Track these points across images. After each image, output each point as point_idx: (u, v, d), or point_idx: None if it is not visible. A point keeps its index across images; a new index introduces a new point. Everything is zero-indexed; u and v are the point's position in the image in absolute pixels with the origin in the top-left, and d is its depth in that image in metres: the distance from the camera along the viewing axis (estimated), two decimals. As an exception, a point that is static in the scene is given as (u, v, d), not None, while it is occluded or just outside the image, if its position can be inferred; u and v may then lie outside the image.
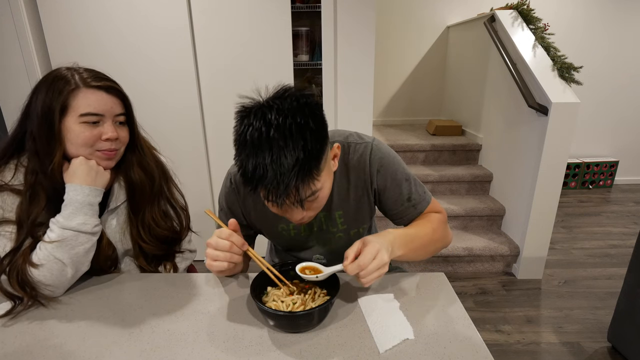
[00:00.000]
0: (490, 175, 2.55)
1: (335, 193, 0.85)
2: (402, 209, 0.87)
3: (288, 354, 0.63)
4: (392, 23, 3.38)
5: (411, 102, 3.63)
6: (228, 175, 0.90)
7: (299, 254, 0.97)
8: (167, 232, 0.95)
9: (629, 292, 1.47)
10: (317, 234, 0.91)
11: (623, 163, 3.51)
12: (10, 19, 1.82)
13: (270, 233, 0.94)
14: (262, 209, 0.87)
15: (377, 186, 0.85)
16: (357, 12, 1.90)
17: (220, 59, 1.94)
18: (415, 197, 0.86)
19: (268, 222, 0.90)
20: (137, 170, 0.90)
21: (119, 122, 0.84)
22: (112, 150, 0.83)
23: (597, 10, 3.25)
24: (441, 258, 2.22)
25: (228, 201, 0.90)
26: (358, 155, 0.83)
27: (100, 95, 0.79)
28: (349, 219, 0.89)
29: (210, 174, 2.16)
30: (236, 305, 0.76)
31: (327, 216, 0.88)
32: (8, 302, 0.76)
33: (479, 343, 0.65)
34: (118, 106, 0.83)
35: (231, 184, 0.89)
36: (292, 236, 0.92)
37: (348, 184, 0.85)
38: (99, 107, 0.79)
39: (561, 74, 1.96)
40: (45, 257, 0.76)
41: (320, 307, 0.65)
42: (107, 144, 0.81)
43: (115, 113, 0.82)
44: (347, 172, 0.84)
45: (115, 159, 0.85)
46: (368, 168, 0.83)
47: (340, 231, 0.90)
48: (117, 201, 0.90)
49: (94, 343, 0.66)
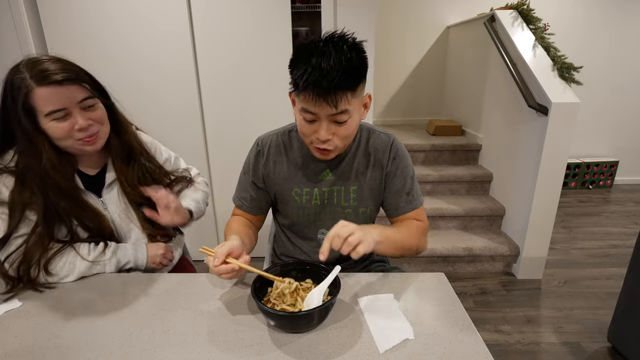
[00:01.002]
0: (490, 175, 2.55)
1: (354, 169, 0.94)
2: (400, 200, 0.96)
3: (288, 354, 0.63)
4: (392, 23, 3.38)
5: (411, 102, 3.63)
6: (256, 140, 0.99)
7: (304, 230, 1.00)
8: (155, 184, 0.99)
9: (629, 292, 1.47)
10: (327, 206, 0.96)
11: (623, 163, 3.51)
12: (10, 19, 1.82)
13: (283, 198, 0.98)
14: (279, 171, 0.96)
15: (389, 170, 0.95)
16: (357, 12, 1.90)
17: (221, 59, 1.94)
18: (413, 194, 0.96)
19: (284, 185, 0.96)
20: (115, 141, 0.93)
21: (87, 106, 0.82)
22: (91, 136, 0.84)
23: (597, 10, 3.24)
24: (441, 258, 2.22)
25: (252, 163, 0.98)
26: (381, 141, 0.95)
27: (55, 90, 0.77)
28: (362, 196, 0.96)
29: (210, 174, 2.16)
30: (236, 305, 0.76)
31: (343, 189, 0.95)
32: (14, 301, 0.76)
33: (479, 343, 0.65)
34: (79, 92, 0.80)
35: (257, 146, 0.97)
36: (302, 204, 0.96)
37: (367, 162, 0.95)
38: (58, 103, 0.77)
39: (561, 74, 1.96)
40: (68, 270, 0.84)
41: (320, 307, 0.65)
42: (82, 133, 0.82)
43: (77, 100, 0.80)
44: (368, 152, 0.94)
45: (98, 141, 0.86)
46: (388, 152, 0.94)
47: (350, 207, 0.96)
48: (110, 177, 0.95)
49: (94, 343, 0.66)
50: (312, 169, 0.94)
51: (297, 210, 0.97)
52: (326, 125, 0.78)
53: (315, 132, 0.80)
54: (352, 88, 0.75)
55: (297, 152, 0.95)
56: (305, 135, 0.83)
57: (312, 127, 0.80)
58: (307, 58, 0.73)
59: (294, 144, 0.96)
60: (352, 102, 0.77)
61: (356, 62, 0.74)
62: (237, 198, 1.03)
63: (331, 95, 0.73)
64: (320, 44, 0.74)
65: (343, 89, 0.73)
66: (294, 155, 0.95)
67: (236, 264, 0.73)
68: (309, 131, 0.81)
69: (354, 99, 0.77)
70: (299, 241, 1.03)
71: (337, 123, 0.78)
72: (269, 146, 0.96)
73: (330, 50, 0.72)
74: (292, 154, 0.95)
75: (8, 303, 0.77)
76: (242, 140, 2.15)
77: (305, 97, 0.75)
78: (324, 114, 0.76)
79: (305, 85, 0.73)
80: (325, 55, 0.72)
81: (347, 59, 0.72)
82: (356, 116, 0.81)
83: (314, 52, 0.73)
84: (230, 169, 2.11)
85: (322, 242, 0.72)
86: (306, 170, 0.94)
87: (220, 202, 2.22)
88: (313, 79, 0.71)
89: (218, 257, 0.73)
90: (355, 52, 0.74)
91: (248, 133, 2.11)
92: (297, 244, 1.03)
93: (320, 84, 0.72)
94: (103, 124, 0.87)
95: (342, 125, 0.79)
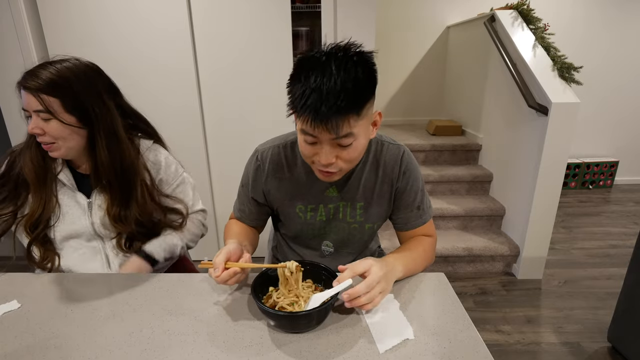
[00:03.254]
0: (490, 175, 2.55)
1: (362, 185, 0.89)
2: (411, 215, 0.92)
3: (288, 354, 0.63)
4: (392, 23, 3.38)
5: (411, 102, 3.63)
6: (255, 152, 0.93)
7: (307, 241, 0.98)
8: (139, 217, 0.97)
9: (629, 292, 1.47)
10: (332, 221, 0.93)
11: (623, 163, 3.51)
12: (10, 19, 1.82)
13: (286, 214, 0.94)
14: (282, 188, 0.91)
15: (399, 186, 0.90)
16: (357, 12, 1.90)
17: (221, 59, 1.94)
18: (423, 207, 0.93)
19: (287, 202, 0.92)
20: (103, 154, 0.92)
21: (42, 118, 0.86)
22: (46, 144, 0.88)
23: (597, 10, 3.25)
24: (441, 258, 2.22)
25: (251, 177, 0.92)
26: (391, 154, 0.88)
27: (26, 94, 0.85)
28: (369, 213, 0.92)
29: (210, 173, 2.16)
30: (236, 305, 0.76)
31: (349, 206, 0.91)
32: (12, 302, 0.76)
33: (479, 343, 0.64)
34: (35, 103, 0.85)
35: (257, 161, 0.91)
36: (307, 220, 0.93)
37: (376, 177, 0.89)
38: (25, 104, 0.86)
39: (561, 74, 1.96)
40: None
41: (320, 307, 0.65)
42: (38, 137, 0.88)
43: (33, 109, 0.85)
44: (377, 167, 0.89)
45: (55, 151, 0.89)
46: (398, 167, 0.88)
47: (357, 222, 0.93)
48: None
49: (94, 343, 0.66)
50: (317, 186, 0.89)
51: (302, 225, 0.94)
52: (328, 149, 0.71)
53: (316, 154, 0.73)
54: (357, 111, 0.67)
55: (301, 168, 0.89)
56: (307, 157, 0.76)
57: (314, 149, 0.73)
58: (306, 76, 0.65)
59: (298, 160, 0.89)
60: (357, 125, 0.69)
61: (363, 81, 0.66)
62: (237, 210, 1.00)
63: (331, 121, 0.65)
64: (323, 57, 0.66)
65: (345, 114, 0.66)
66: (297, 171, 0.89)
67: (237, 266, 0.72)
68: (309, 153, 0.74)
69: (359, 121, 0.69)
70: (302, 250, 1.01)
71: (340, 146, 0.71)
72: (269, 161, 0.89)
73: (332, 68, 0.64)
74: (295, 170, 0.89)
75: (6, 304, 0.77)
76: (242, 139, 2.16)
77: (303, 120, 0.67)
78: (325, 138, 0.69)
79: (302, 110, 0.66)
80: (326, 74, 0.64)
81: (351, 79, 0.65)
82: (362, 138, 0.73)
83: (314, 69, 0.65)
84: (230, 167, 2.11)
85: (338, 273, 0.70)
86: (311, 187, 0.89)
87: (220, 202, 2.22)
88: (311, 103, 0.64)
89: (217, 266, 0.71)
90: (362, 67, 0.66)
91: (248, 132, 2.13)
92: (300, 253, 1.01)
93: (318, 110, 0.64)
94: (58, 139, 0.88)
95: (346, 149, 0.72)
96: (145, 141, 1.03)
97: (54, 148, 0.89)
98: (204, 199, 2.19)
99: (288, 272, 0.72)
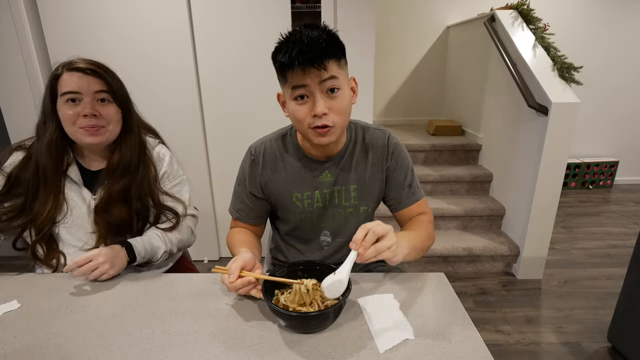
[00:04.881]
0: (490, 175, 2.55)
1: (354, 167, 0.94)
2: (403, 193, 0.96)
3: (288, 354, 0.63)
4: (392, 23, 3.38)
5: (411, 102, 3.63)
6: (248, 149, 0.97)
7: (306, 234, 1.00)
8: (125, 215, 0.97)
9: (629, 292, 1.47)
10: (329, 208, 0.96)
11: (623, 163, 3.50)
12: (10, 19, 1.82)
13: (283, 205, 0.96)
14: (277, 179, 0.94)
15: (389, 165, 0.95)
16: (357, 12, 1.90)
17: (220, 58, 1.94)
18: (414, 186, 0.98)
19: (284, 192, 0.95)
20: (126, 147, 0.96)
21: (100, 99, 0.88)
22: (93, 127, 0.88)
23: (597, 10, 3.24)
24: (441, 258, 2.22)
25: (247, 172, 0.96)
26: (377, 137, 0.95)
27: (77, 76, 0.86)
28: (362, 194, 0.96)
29: (210, 173, 2.16)
30: (236, 305, 0.76)
31: (344, 190, 0.94)
32: (12, 302, 0.76)
33: (479, 343, 0.65)
34: (97, 84, 0.87)
35: (251, 155, 0.95)
36: (304, 208, 0.95)
37: (366, 160, 0.95)
38: (75, 86, 0.86)
39: (561, 74, 1.96)
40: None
41: (332, 307, 0.66)
42: (85, 121, 0.87)
43: (93, 90, 0.87)
44: (367, 151, 0.95)
45: (100, 134, 0.90)
46: (386, 148, 0.94)
47: (352, 206, 0.96)
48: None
49: (94, 343, 0.66)
50: (311, 172, 0.93)
51: (299, 215, 0.96)
52: (320, 97, 0.77)
53: (310, 110, 0.78)
54: (337, 56, 0.77)
55: (294, 156, 0.94)
56: (302, 120, 0.80)
57: (307, 106, 0.79)
58: (286, 42, 0.76)
59: (290, 148, 0.94)
60: (340, 73, 0.78)
61: (334, 37, 0.78)
62: (233, 210, 1.00)
63: (318, 59, 0.74)
64: (296, 32, 0.77)
65: (328, 55, 0.75)
66: (290, 160, 0.94)
67: (252, 277, 0.73)
68: (304, 113, 0.79)
69: (341, 70, 0.79)
70: (301, 246, 1.02)
71: (330, 95, 0.78)
72: (263, 154, 0.94)
73: (306, 31, 0.76)
74: (288, 158, 0.94)
75: (6, 304, 0.77)
76: (242, 138, 2.15)
77: (293, 72, 0.76)
78: (315, 84, 0.76)
79: (290, 60, 0.74)
80: (303, 33, 0.75)
81: (325, 34, 0.76)
82: (346, 91, 0.81)
83: (291, 35, 0.77)
84: (230, 167, 2.11)
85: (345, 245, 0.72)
86: (305, 173, 0.93)
87: (220, 201, 2.22)
88: (296, 52, 0.73)
89: (233, 272, 0.72)
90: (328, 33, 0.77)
91: (248, 132, 2.12)
92: (300, 249, 1.02)
93: (305, 53, 0.73)
94: (110, 123, 0.91)
95: (335, 99, 0.78)
96: (150, 139, 1.06)
97: (101, 132, 0.90)
98: (204, 199, 2.20)
99: (304, 289, 0.71)
